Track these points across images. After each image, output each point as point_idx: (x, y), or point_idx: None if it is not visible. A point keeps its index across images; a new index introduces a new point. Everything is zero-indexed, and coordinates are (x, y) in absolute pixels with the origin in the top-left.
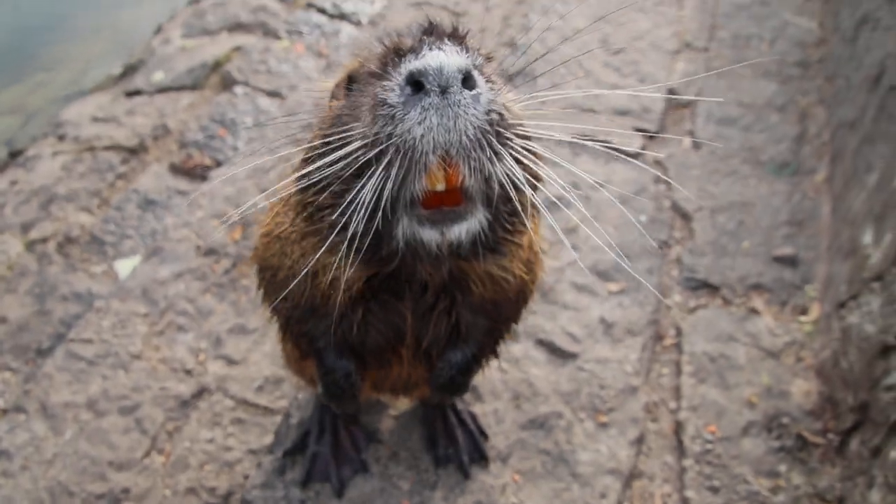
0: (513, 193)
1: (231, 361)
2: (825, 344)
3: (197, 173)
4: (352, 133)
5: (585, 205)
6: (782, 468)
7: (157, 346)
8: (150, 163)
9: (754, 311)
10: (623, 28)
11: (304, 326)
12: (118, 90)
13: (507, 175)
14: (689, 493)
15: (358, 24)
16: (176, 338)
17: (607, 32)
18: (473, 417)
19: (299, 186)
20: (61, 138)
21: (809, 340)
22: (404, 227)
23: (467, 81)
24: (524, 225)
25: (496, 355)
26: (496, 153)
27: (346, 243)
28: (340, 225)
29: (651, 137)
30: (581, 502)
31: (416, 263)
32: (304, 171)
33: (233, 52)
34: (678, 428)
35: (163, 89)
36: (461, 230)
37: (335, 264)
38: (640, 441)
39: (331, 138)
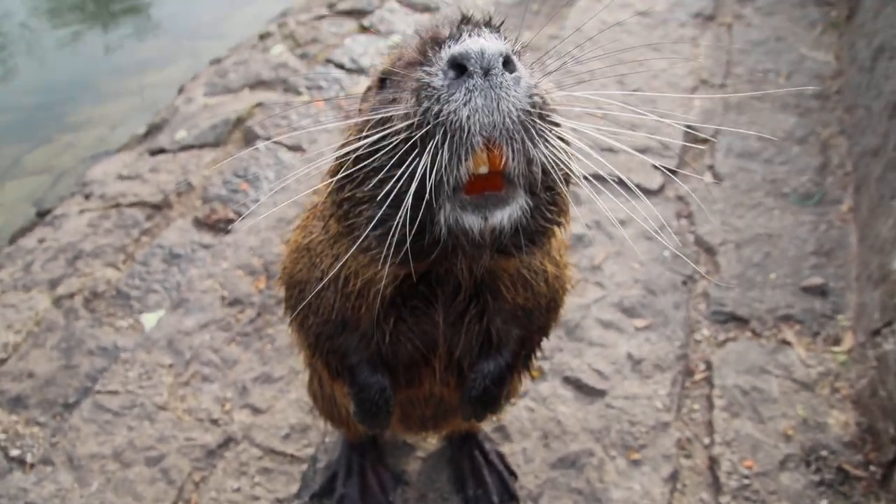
0: (557, 174)
1: (257, 410)
2: (861, 373)
3: (220, 227)
4: (395, 114)
5: (609, 243)
6: (823, 503)
7: (183, 396)
8: (174, 218)
9: (785, 343)
10: (640, 68)
11: (336, 342)
12: (142, 149)
13: (550, 158)
14: None
15: None
16: (201, 388)
17: (623, 73)
18: (501, 457)
19: (336, 184)
20: (87, 197)
21: (844, 371)
22: (447, 214)
23: (508, 65)
24: (562, 215)
25: (528, 368)
26: (539, 135)
27: (389, 238)
28: (378, 218)
29: (673, 173)
30: None
31: (455, 256)
32: (342, 157)
33: (254, 108)
34: (712, 463)
35: (186, 147)
36: (503, 216)
37: (368, 267)
38: (674, 478)
39: (372, 121)
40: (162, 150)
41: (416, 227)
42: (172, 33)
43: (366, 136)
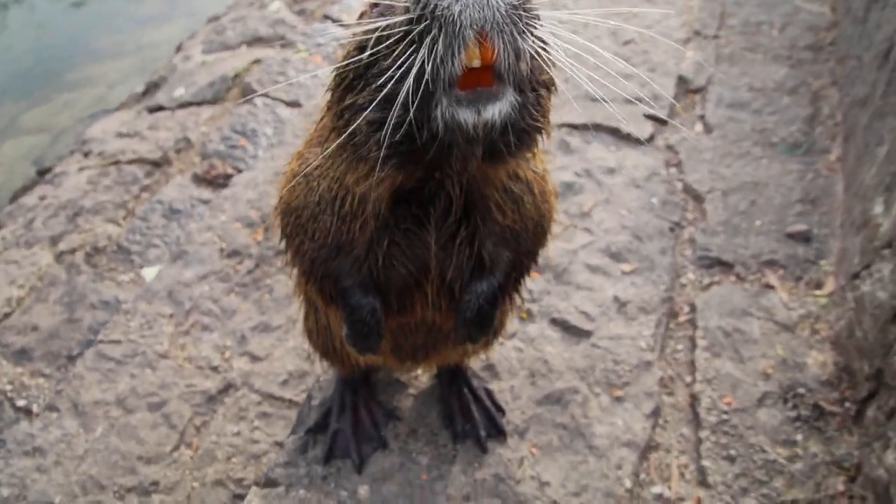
0: (546, 64)
1: (255, 358)
2: (840, 315)
3: (219, 182)
4: (396, 4)
5: (598, 190)
6: (799, 437)
7: (184, 344)
8: (173, 174)
9: (768, 287)
10: (633, 20)
11: (330, 266)
12: (141, 107)
13: (535, 50)
14: (706, 463)
15: None
16: (201, 337)
17: (617, 25)
18: (489, 393)
19: (336, 95)
20: (87, 155)
21: (824, 313)
22: (443, 109)
23: None
24: (545, 121)
25: (519, 293)
26: (526, 28)
27: (387, 134)
28: (378, 119)
29: (663, 123)
30: (598, 474)
31: (449, 157)
32: (342, 68)
33: (252, 65)
34: (693, 400)
35: (184, 104)
36: (495, 110)
37: (366, 179)
38: (655, 414)
39: (372, 20)
40: (160, 108)
41: (413, 124)
42: None
43: (367, 30)
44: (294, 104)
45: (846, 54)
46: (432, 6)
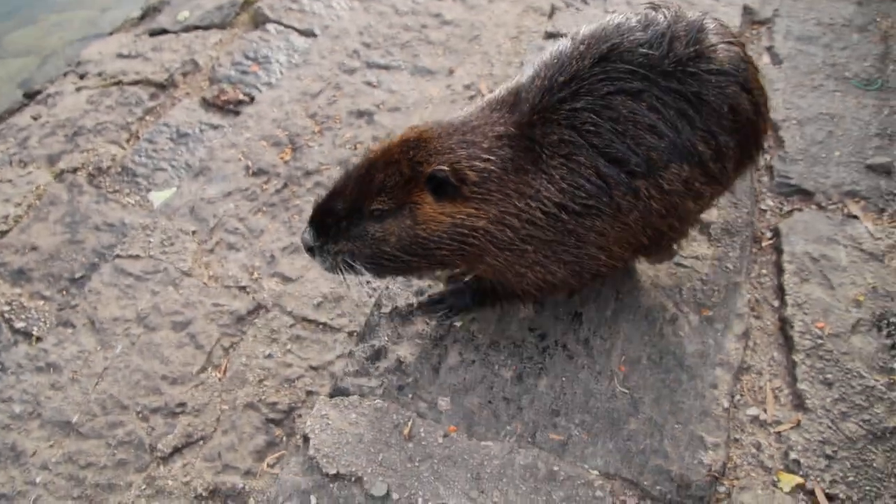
0: None
1: (287, 279)
2: None
3: (230, 108)
4: None
5: None
6: (895, 365)
7: (208, 263)
8: (179, 98)
9: (852, 217)
10: None
11: None
12: (140, 30)
13: None
14: (803, 387)
15: None
16: (227, 256)
17: None
18: None
19: None
20: (83, 76)
21: None
22: None
23: None
24: None
25: None
26: None
27: None
28: None
29: None
30: (692, 393)
31: None
32: None
33: None
34: (784, 324)
35: (190, 28)
36: None
37: None
38: (746, 335)
39: None
40: (164, 31)
41: None
42: None
43: None
44: (308, 33)
45: None
46: None
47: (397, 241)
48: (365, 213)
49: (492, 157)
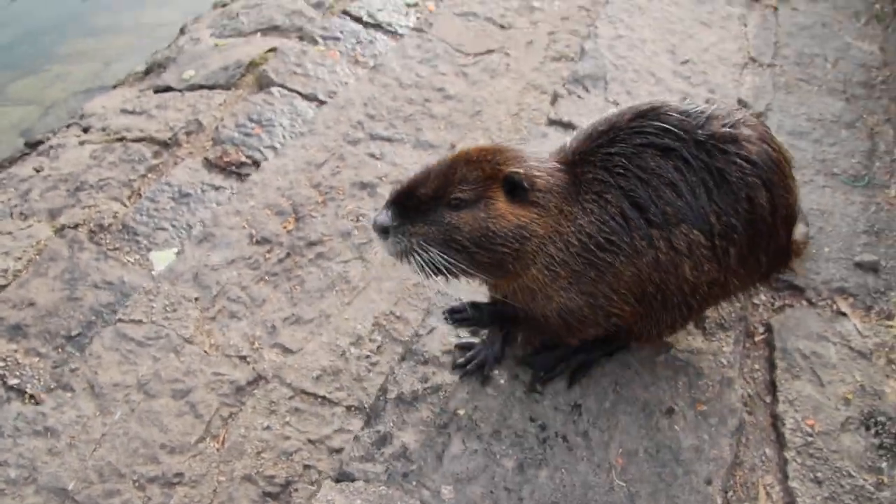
0: None
1: (287, 350)
2: None
3: (232, 170)
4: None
5: None
6: (884, 465)
7: (210, 331)
8: (182, 157)
9: (841, 314)
10: (690, 40)
11: None
12: (145, 86)
13: None
14: (794, 484)
15: (394, 34)
16: (229, 324)
17: (674, 43)
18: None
19: None
20: (86, 130)
21: None
22: None
23: None
24: None
25: None
26: None
27: None
28: None
29: None
30: (688, 487)
31: None
32: None
33: (268, 54)
34: (776, 420)
35: (194, 87)
36: None
37: None
38: (739, 431)
39: None
40: (169, 88)
41: None
42: None
43: None
44: (311, 98)
45: None
46: None
47: (469, 231)
48: (444, 200)
49: (553, 178)
